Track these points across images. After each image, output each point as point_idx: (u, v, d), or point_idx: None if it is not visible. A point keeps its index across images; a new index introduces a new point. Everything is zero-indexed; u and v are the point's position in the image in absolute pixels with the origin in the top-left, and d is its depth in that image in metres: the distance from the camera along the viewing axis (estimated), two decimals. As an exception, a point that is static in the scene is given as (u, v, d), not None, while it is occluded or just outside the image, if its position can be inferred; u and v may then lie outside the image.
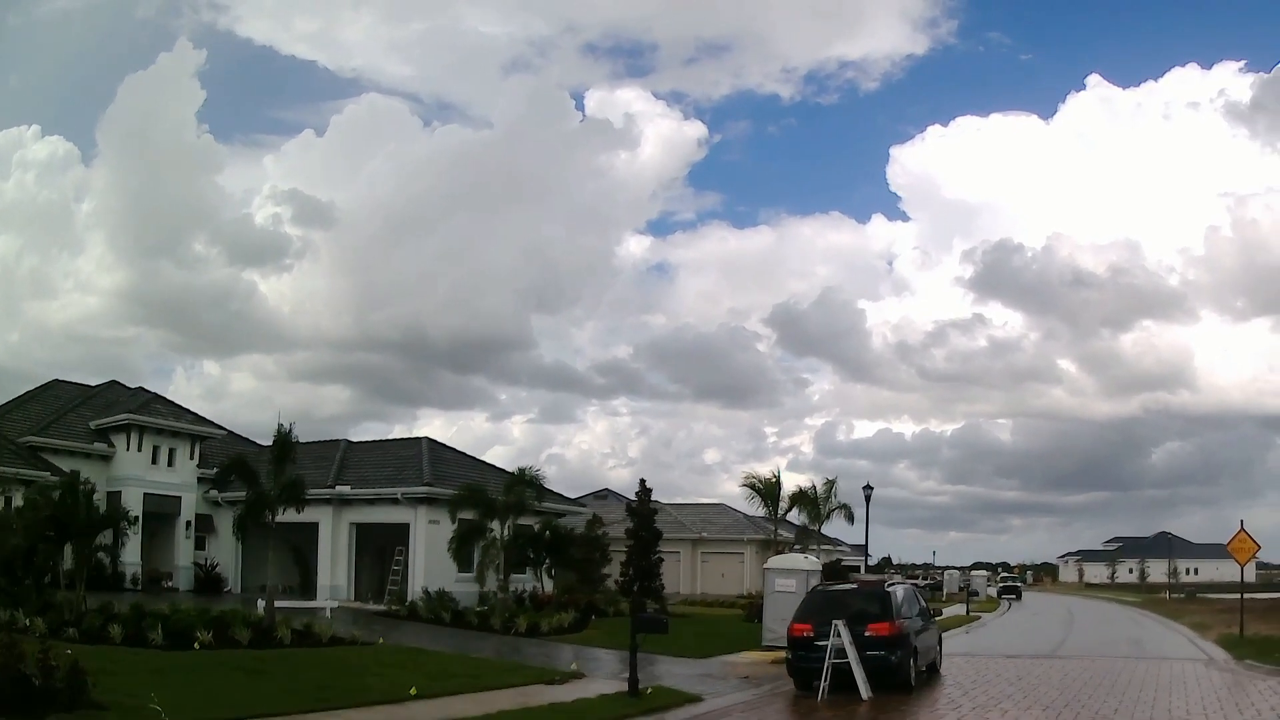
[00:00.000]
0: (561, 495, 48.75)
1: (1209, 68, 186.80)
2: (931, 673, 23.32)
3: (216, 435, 48.16)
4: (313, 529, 41.42)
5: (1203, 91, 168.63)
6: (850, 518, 69.47)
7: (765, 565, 31.39)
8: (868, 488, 46.77)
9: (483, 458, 49.78)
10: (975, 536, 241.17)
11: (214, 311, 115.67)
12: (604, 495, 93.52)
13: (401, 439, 46.44)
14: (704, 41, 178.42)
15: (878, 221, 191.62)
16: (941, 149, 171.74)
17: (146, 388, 51.49)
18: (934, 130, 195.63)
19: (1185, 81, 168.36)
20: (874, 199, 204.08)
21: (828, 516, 68.82)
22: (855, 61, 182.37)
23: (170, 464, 44.87)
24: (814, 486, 64.60)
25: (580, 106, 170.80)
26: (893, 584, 23.37)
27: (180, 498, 44.83)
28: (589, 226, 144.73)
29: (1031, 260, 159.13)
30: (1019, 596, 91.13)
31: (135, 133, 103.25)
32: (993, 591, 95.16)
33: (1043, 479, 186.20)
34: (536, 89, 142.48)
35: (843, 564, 79.57)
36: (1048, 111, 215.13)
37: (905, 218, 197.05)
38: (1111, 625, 47.77)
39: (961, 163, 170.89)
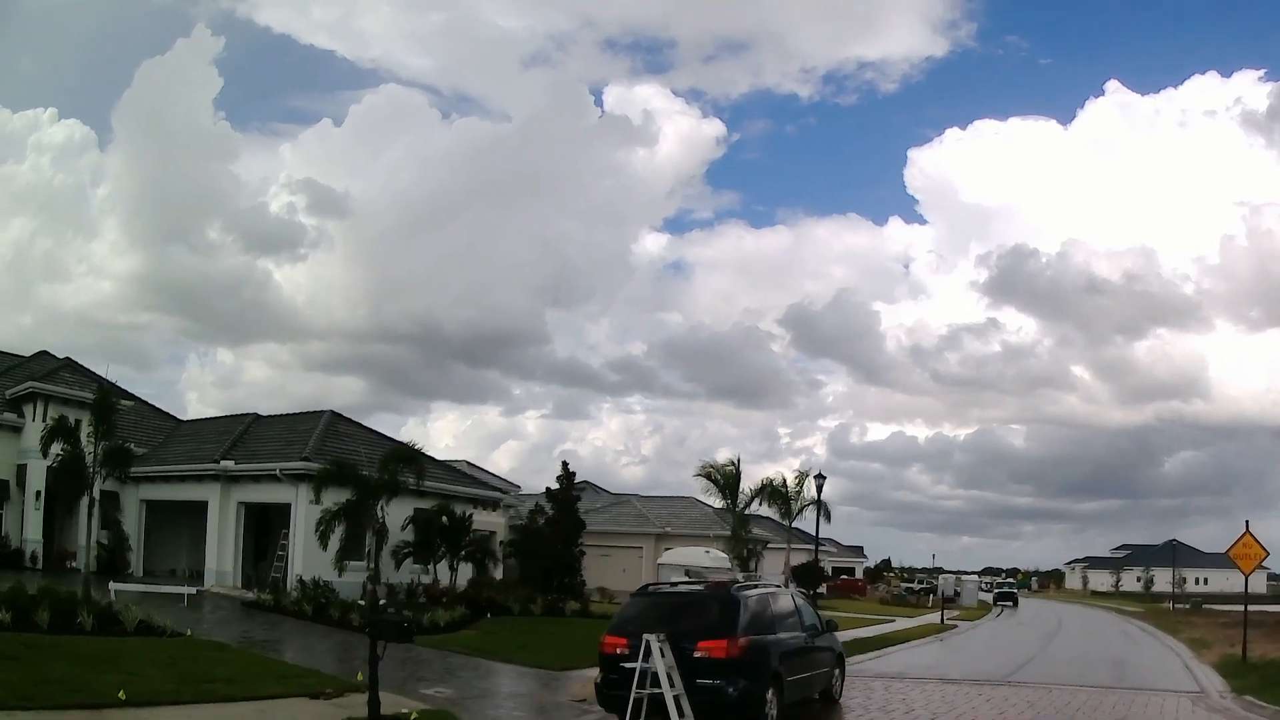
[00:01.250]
0: (485, 479, 42.98)
1: (1228, 76, 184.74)
2: (826, 703, 17.64)
3: (125, 406, 42.67)
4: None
5: (1220, 100, 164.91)
6: (828, 514, 63.67)
7: (659, 560, 25.55)
8: (819, 476, 40.68)
9: (389, 435, 43.51)
10: (988, 542, 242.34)
11: (228, 299, 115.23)
12: (582, 487, 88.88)
13: (306, 412, 40.60)
14: (723, 39, 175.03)
15: (894, 224, 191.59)
16: (959, 152, 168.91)
17: (75, 359, 47.57)
18: (952, 133, 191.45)
19: (1204, 89, 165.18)
20: (891, 201, 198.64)
21: (799, 512, 63.16)
22: (874, 62, 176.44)
23: (76, 436, 40.07)
24: (783, 479, 59.19)
25: (599, 102, 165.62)
26: (756, 585, 17.02)
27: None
28: (605, 223, 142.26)
29: (1046, 266, 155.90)
30: (1015, 604, 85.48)
31: (152, 118, 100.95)
32: (989, 598, 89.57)
33: (1056, 485, 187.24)
34: (555, 84, 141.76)
35: (819, 565, 73.79)
36: (1066, 117, 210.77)
37: (922, 220, 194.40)
38: (1098, 640, 41.56)
39: (979, 166, 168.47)
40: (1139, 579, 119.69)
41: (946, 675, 23.62)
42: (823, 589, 72.02)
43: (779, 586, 18.60)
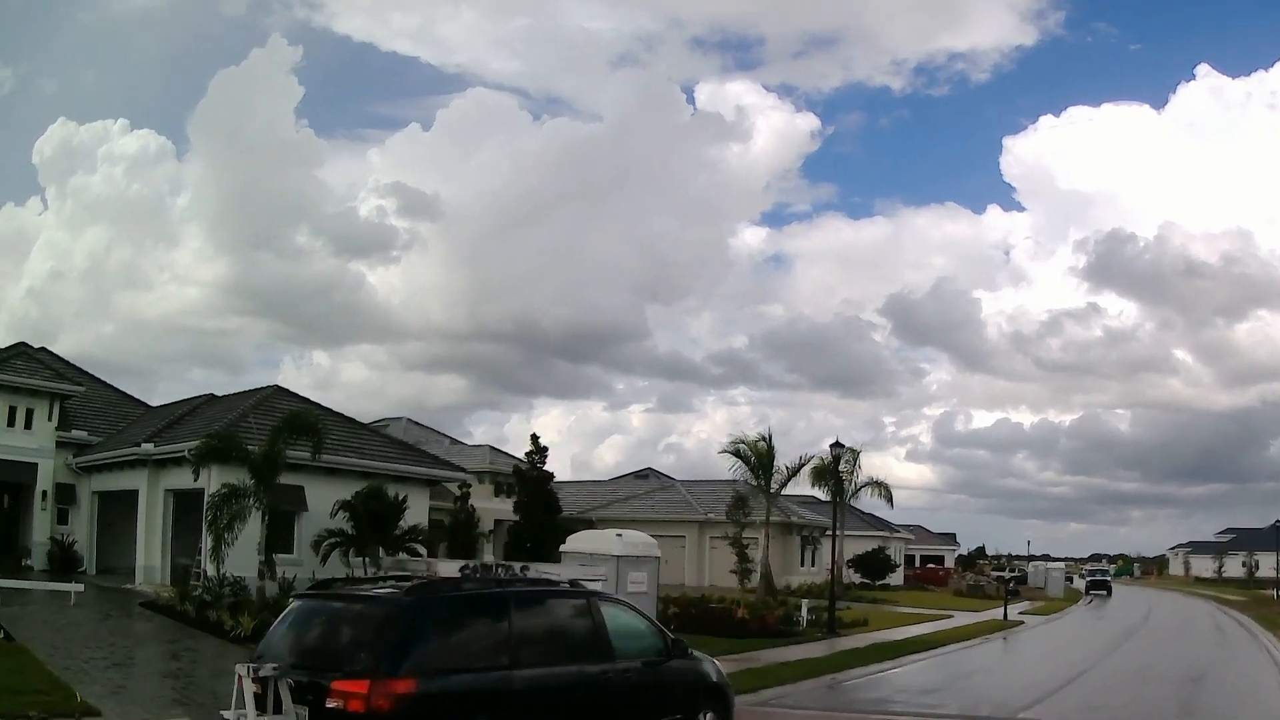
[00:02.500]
0: (433, 457, 37.34)
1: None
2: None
3: (75, 392, 38.51)
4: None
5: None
6: (888, 497, 56.92)
7: (562, 547, 19.64)
8: (836, 445, 34.12)
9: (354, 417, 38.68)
10: (1095, 528, 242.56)
11: (320, 302, 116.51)
12: (645, 475, 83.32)
13: (253, 389, 35.47)
14: (811, 34, 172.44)
15: (993, 212, 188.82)
16: (1054, 139, 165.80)
17: (51, 349, 44.12)
18: (1046, 120, 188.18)
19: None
20: (988, 189, 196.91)
21: (854, 492, 56.41)
22: (964, 53, 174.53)
23: (28, 426, 36.69)
24: (835, 459, 52.69)
25: (691, 100, 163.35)
26: (514, 581, 10.59)
27: (36, 464, 36.46)
28: (702, 218, 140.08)
29: (1144, 250, 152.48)
30: (1108, 593, 77.55)
31: (230, 127, 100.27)
32: (1084, 585, 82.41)
33: (1161, 470, 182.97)
34: (646, 83, 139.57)
35: (885, 553, 66.78)
36: (1159, 101, 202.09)
37: (1020, 208, 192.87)
38: (1183, 640, 34.29)
39: (1075, 152, 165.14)
40: (1243, 564, 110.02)
41: (939, 709, 17.15)
42: (889, 579, 65.11)
43: (588, 583, 12.33)
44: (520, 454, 55.20)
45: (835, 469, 53.66)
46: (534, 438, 34.96)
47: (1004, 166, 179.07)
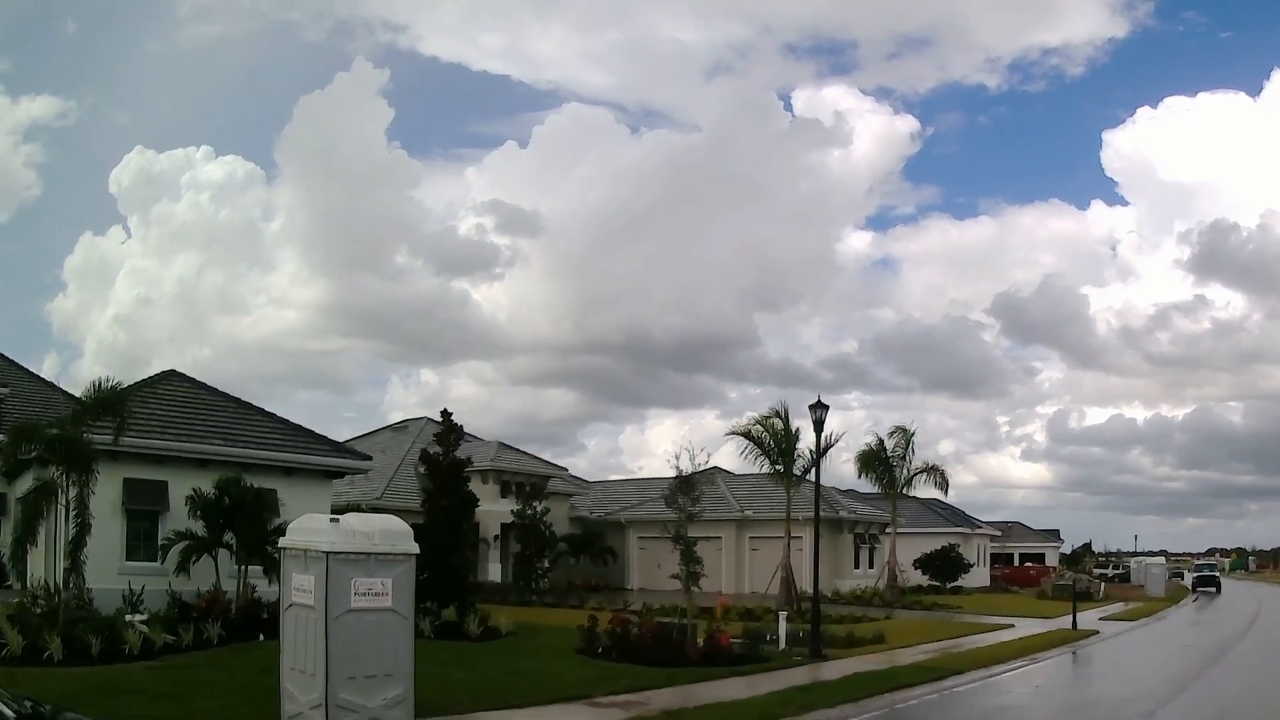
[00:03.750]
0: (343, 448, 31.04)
1: None
2: None
3: None
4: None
5: None
6: (944, 484, 49.01)
7: (281, 541, 13.02)
8: (818, 407, 26.92)
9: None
10: (1212, 522, 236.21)
11: (425, 321, 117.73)
12: (709, 472, 76.87)
13: (150, 376, 29.54)
14: (903, 36, 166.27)
15: (1097, 207, 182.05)
16: (1153, 131, 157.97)
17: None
18: (1144, 112, 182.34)
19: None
20: (1091, 184, 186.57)
21: (908, 481, 48.83)
22: (1057, 48, 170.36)
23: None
24: (880, 442, 45.19)
25: (788, 107, 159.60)
26: None
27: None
28: (807, 224, 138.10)
29: (1247, 239, 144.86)
30: (1217, 589, 68.41)
31: (319, 151, 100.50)
32: (1190, 581, 74.09)
33: (1277, 462, 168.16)
34: (742, 91, 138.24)
35: (955, 552, 58.71)
36: (1254, 89, 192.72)
37: (1124, 202, 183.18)
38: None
39: (1174, 144, 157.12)
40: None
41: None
42: (962, 580, 57.09)
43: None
44: (633, 466, 51.94)
45: (881, 455, 46.63)
46: (445, 414, 27.94)
47: (1105, 161, 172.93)
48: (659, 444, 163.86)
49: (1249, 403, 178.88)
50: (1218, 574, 75.07)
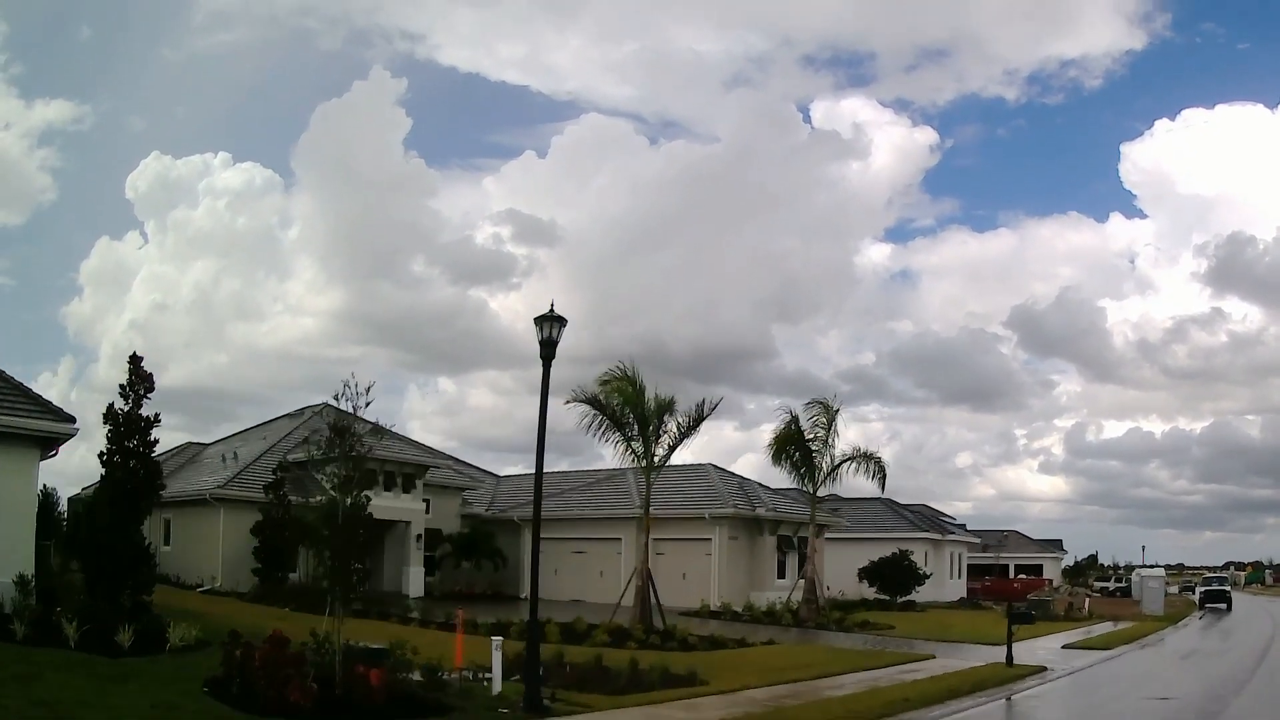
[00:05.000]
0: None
1: None
2: None
3: None
4: None
5: None
6: (880, 476, 38.58)
7: None
8: (547, 321, 16.99)
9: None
10: (1230, 536, 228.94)
11: (443, 329, 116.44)
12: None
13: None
14: (921, 48, 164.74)
15: (1116, 220, 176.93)
16: (1171, 143, 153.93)
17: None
18: (1162, 125, 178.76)
19: None
20: (1110, 197, 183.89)
21: (831, 473, 38.66)
22: (1075, 60, 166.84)
23: None
24: (794, 420, 35.48)
25: (807, 118, 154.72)
26: None
27: None
28: (825, 236, 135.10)
29: (1264, 252, 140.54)
30: (1228, 606, 58.34)
31: (336, 159, 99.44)
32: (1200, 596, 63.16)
33: None
34: (761, 103, 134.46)
35: (908, 560, 48.37)
36: (1272, 100, 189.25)
37: (1142, 214, 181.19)
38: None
39: (1192, 156, 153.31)
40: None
41: None
42: (916, 594, 46.89)
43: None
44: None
45: (798, 436, 36.47)
46: (131, 359, 18.74)
47: (1123, 173, 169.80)
48: (677, 455, 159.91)
49: (1267, 416, 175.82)
50: (1229, 589, 64.34)
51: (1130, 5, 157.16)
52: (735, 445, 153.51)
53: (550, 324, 17.39)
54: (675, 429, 30.85)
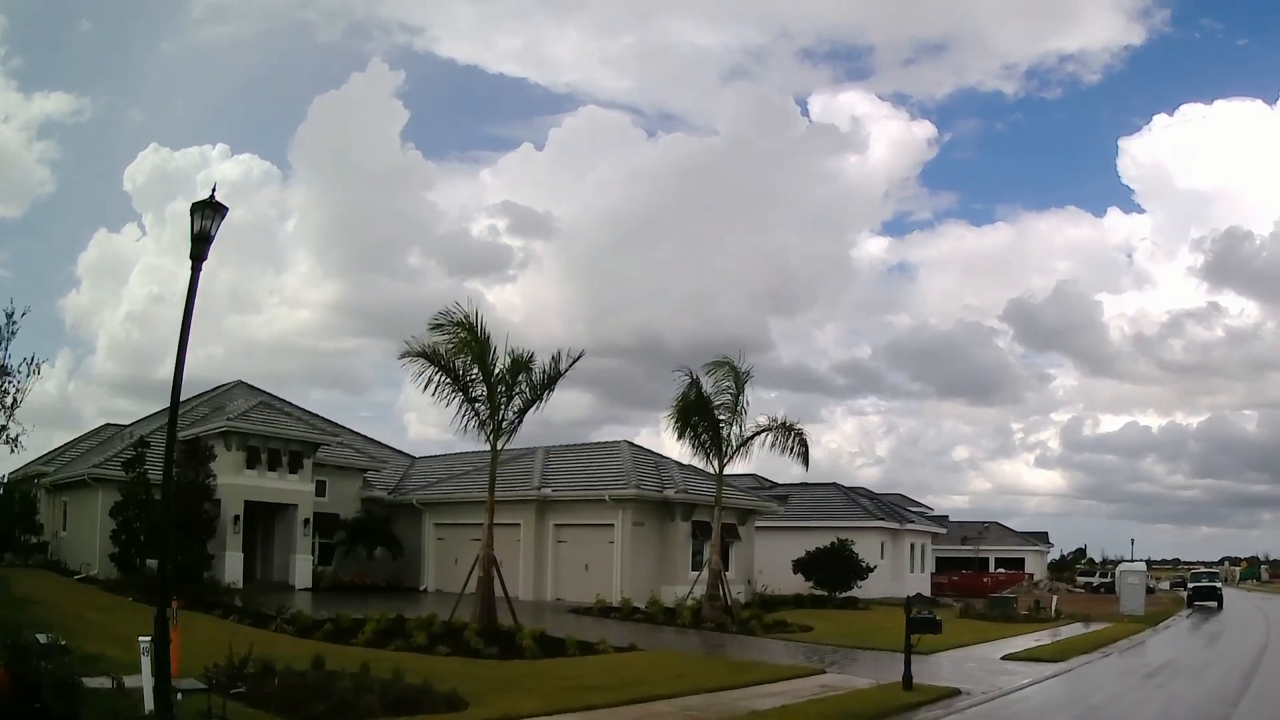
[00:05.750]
0: None
1: None
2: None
3: None
4: None
5: None
6: (802, 452, 32.27)
7: None
8: (202, 210, 11.05)
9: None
10: (1227, 531, 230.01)
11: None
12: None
13: None
14: (919, 42, 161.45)
15: (1114, 214, 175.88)
16: (1169, 138, 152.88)
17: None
18: (1160, 120, 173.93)
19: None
20: (1108, 191, 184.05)
21: (742, 445, 32.41)
22: (1074, 55, 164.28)
23: None
24: (695, 382, 29.55)
25: (805, 112, 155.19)
26: None
27: None
28: (822, 230, 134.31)
29: (1261, 248, 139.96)
30: (1219, 604, 52.59)
31: (333, 151, 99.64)
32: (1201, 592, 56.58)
33: None
34: (759, 96, 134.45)
35: (848, 550, 42.03)
36: (1271, 96, 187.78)
37: (1140, 209, 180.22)
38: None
39: (1191, 151, 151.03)
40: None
41: None
42: (858, 588, 40.62)
43: None
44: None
45: (705, 403, 30.24)
46: None
47: (1121, 168, 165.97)
48: (673, 449, 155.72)
49: (1263, 411, 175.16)
50: (1219, 585, 58.13)
51: (1129, 1, 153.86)
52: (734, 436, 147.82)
53: (207, 214, 11.48)
54: (529, 391, 24.77)
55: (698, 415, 29.88)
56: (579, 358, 25.20)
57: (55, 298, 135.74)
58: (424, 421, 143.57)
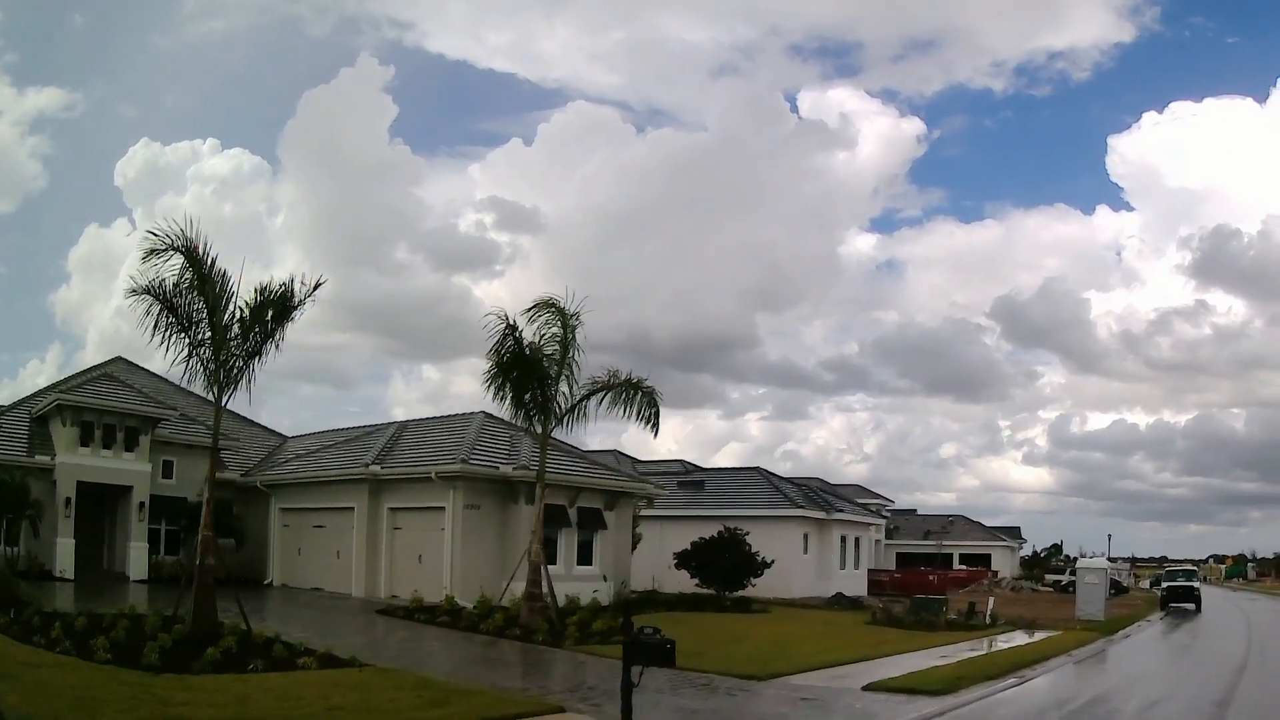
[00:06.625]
0: None
1: None
2: None
3: None
4: None
5: None
6: (650, 414, 25.65)
7: None
8: None
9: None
10: (1214, 529, 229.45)
11: (427, 317, 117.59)
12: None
13: None
14: (909, 38, 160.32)
15: (1102, 212, 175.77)
16: (1159, 136, 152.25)
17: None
18: (1149, 117, 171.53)
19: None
20: (1097, 189, 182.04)
21: (574, 409, 25.51)
22: (1064, 52, 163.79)
23: None
24: (510, 330, 22.86)
25: (794, 108, 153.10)
26: None
27: None
28: (811, 226, 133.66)
29: (1248, 246, 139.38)
30: (1197, 606, 46.63)
31: (322, 146, 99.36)
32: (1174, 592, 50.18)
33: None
34: (748, 92, 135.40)
35: (741, 542, 35.05)
36: (1261, 94, 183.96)
37: (1129, 207, 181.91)
38: None
39: (1180, 149, 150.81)
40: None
41: None
42: (753, 586, 33.71)
43: None
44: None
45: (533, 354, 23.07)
46: None
47: (1110, 165, 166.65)
48: (663, 442, 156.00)
49: (1251, 409, 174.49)
50: (1197, 585, 51.24)
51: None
52: (719, 434, 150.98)
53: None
54: (260, 330, 18.22)
55: (519, 370, 23.18)
56: (318, 285, 18.72)
57: (46, 292, 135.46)
58: (411, 416, 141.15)
